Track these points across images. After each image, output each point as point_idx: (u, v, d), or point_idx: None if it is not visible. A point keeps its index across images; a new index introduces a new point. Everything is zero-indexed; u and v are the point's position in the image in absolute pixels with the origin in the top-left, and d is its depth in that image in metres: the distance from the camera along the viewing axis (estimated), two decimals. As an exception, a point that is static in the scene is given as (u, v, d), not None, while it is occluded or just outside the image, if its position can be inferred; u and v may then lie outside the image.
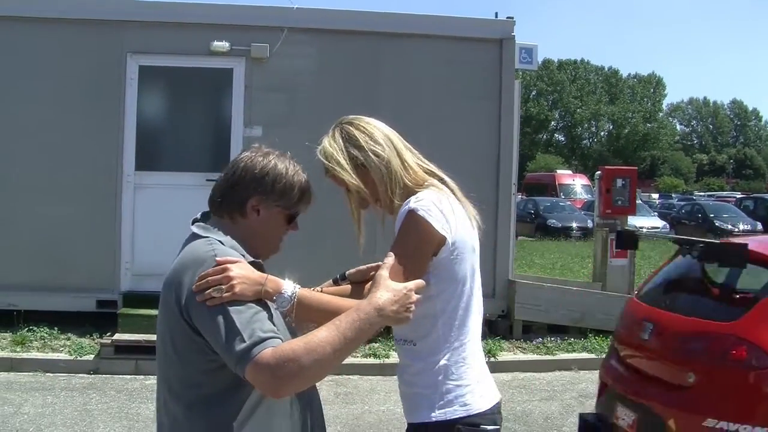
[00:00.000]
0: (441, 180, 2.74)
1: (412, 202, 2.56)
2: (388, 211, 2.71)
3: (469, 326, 2.66)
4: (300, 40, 9.61)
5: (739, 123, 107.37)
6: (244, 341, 2.12)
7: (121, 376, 8.24)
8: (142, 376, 8.18)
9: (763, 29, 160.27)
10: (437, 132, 9.26)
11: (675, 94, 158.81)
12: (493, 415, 2.65)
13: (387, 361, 8.74)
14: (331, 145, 2.69)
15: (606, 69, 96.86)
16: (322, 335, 2.14)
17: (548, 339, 9.89)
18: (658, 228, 29.62)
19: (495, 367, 8.98)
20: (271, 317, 2.26)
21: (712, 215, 30.73)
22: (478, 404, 2.61)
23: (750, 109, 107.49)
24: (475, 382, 2.63)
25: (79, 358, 8.45)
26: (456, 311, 2.62)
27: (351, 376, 8.51)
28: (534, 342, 9.81)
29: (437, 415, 2.58)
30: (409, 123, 9.23)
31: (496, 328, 10.05)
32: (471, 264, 2.66)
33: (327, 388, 7.93)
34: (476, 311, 2.70)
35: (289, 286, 2.33)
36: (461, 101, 9.91)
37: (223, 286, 2.20)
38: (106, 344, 8.54)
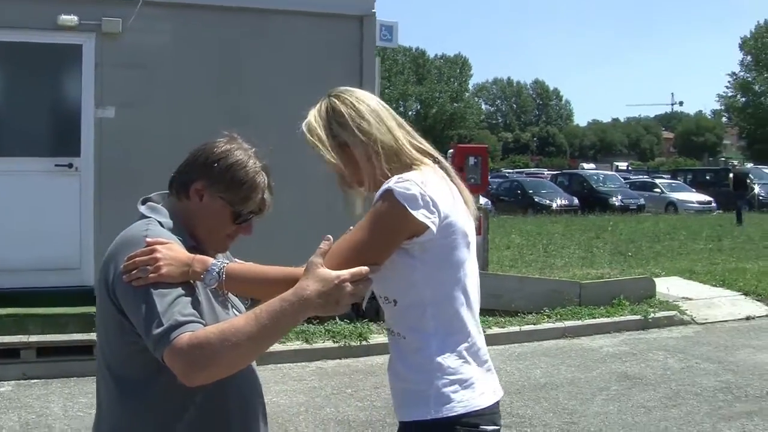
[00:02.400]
0: (435, 160, 2.54)
1: (392, 182, 2.33)
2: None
3: (465, 317, 2.44)
4: (156, 15, 8.95)
5: (541, 102, 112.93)
6: (162, 324, 2.07)
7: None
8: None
9: (564, 13, 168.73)
10: (300, 111, 8.94)
11: (480, 74, 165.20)
12: (493, 414, 2.44)
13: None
14: (315, 119, 2.49)
15: (413, 50, 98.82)
16: (239, 323, 2.07)
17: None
18: (481, 205, 30.49)
19: (368, 350, 8.88)
20: (196, 302, 2.20)
21: (531, 191, 32.06)
22: (477, 402, 2.39)
23: (551, 89, 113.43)
24: (475, 378, 2.42)
25: None
26: (448, 300, 2.40)
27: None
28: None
29: (434, 413, 2.35)
30: (271, 101, 9.01)
31: (366, 309, 9.92)
32: (464, 251, 2.45)
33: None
34: (474, 301, 2.50)
35: (216, 263, 2.23)
36: (322, 79, 9.50)
37: (149, 267, 2.15)
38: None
